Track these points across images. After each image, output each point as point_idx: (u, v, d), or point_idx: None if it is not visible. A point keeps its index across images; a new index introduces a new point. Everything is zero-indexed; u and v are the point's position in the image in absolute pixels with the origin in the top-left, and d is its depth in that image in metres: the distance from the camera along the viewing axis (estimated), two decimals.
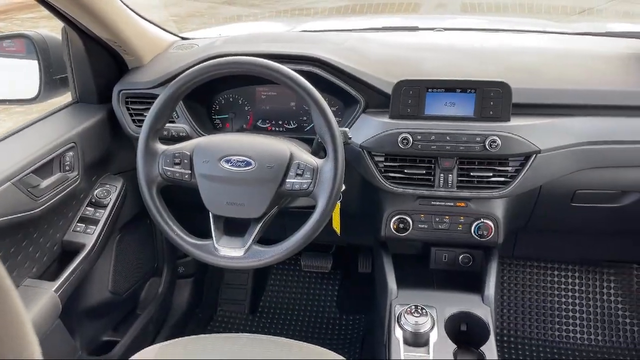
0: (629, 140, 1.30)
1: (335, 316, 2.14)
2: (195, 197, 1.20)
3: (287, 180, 1.15)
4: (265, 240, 1.19)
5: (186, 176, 1.19)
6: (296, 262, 2.24)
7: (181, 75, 1.17)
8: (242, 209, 1.16)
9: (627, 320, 1.98)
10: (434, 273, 1.61)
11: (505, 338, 2.00)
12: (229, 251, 1.16)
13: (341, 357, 1.16)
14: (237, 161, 1.15)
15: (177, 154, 1.19)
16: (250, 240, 1.16)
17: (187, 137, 1.42)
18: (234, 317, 2.15)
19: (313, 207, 1.14)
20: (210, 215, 1.20)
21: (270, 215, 1.21)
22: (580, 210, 1.44)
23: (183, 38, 1.77)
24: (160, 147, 1.21)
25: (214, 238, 1.18)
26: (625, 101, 1.31)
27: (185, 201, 1.27)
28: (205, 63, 1.15)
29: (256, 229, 1.17)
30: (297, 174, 1.14)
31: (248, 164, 1.15)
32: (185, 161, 1.19)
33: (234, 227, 1.24)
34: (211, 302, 2.16)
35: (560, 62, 1.42)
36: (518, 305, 2.06)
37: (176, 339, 1.19)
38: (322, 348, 1.19)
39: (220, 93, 1.55)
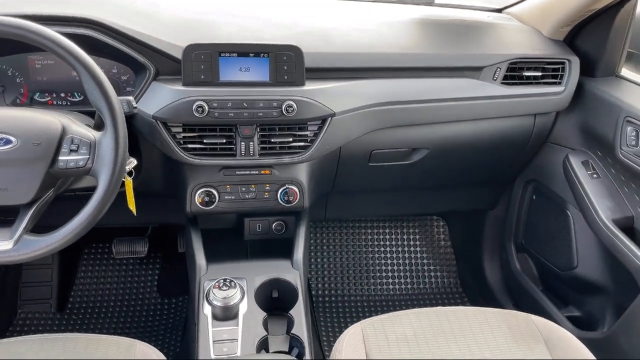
0: (413, 100, 1.39)
1: (157, 301, 2.02)
2: None
3: (60, 158, 1.01)
4: (55, 227, 1.04)
5: None
6: (109, 249, 2.06)
7: None
8: (5, 195, 0.99)
9: (431, 268, 2.19)
10: (248, 244, 1.60)
11: (326, 299, 2.07)
12: None
13: (144, 344, 1.08)
14: None
15: None
16: (20, 230, 1.00)
17: None
18: (39, 318, 1.91)
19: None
20: None
21: (45, 200, 1.05)
22: (377, 169, 1.53)
23: None
24: None
25: None
26: (406, 63, 1.40)
27: None
28: None
29: (27, 217, 1.02)
30: (72, 150, 1.01)
31: (8, 142, 0.98)
32: None
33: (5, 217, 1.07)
34: (8, 305, 1.89)
35: (350, 27, 1.46)
36: (337, 265, 2.15)
37: None
38: (128, 339, 1.09)
39: None
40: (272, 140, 1.30)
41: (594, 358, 1.07)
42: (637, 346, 1.31)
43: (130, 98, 1.14)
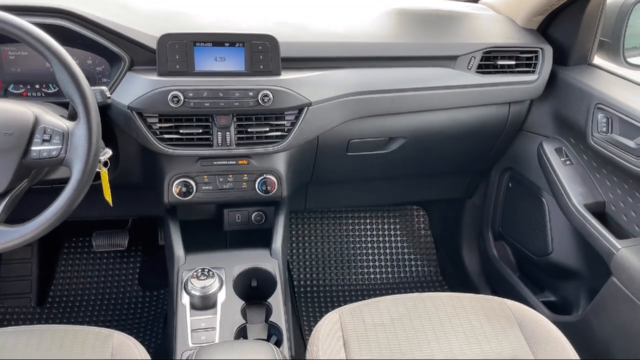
0: (389, 89, 1.41)
1: (138, 294, 2.02)
2: None
3: (33, 148, 1.01)
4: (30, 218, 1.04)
5: None
6: (89, 243, 2.05)
7: None
8: None
9: (412, 257, 2.21)
10: (228, 235, 1.60)
11: (308, 288, 2.09)
12: None
13: (122, 334, 1.08)
14: None
15: None
16: None
17: None
18: (19, 313, 1.90)
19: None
20: None
21: (18, 191, 1.05)
22: (355, 159, 1.54)
23: None
24: None
25: None
26: (382, 52, 1.41)
27: None
28: None
29: (0, 208, 1.01)
30: (44, 140, 1.01)
31: None
32: None
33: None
34: None
35: (326, 17, 1.47)
36: (318, 255, 2.17)
37: None
38: (106, 329, 1.09)
39: None
40: (249, 130, 1.30)
41: (565, 339, 1.10)
42: (607, 328, 1.34)
43: (104, 88, 1.14)
